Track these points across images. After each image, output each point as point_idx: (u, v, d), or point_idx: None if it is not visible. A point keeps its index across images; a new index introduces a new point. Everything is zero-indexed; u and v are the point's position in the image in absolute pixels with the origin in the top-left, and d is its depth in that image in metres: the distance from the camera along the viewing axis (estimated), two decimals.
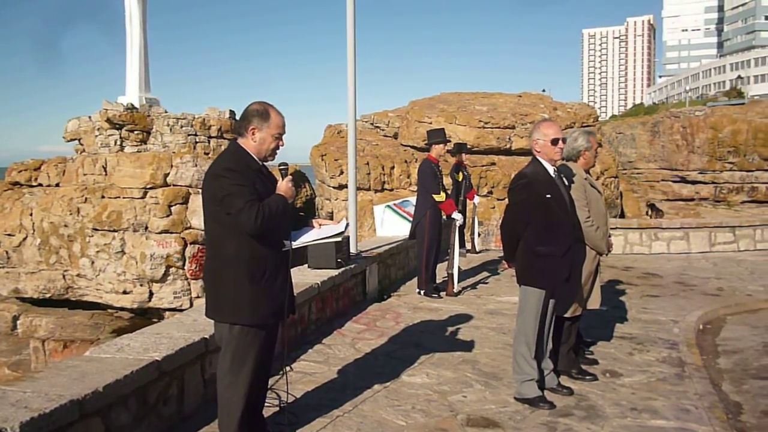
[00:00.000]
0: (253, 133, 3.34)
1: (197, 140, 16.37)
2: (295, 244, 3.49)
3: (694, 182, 23.16)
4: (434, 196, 7.65)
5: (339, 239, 3.91)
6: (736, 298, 7.87)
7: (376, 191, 15.16)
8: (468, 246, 11.24)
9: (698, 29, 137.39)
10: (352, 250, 7.41)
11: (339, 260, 6.73)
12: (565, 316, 4.85)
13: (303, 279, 6.08)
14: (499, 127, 15.42)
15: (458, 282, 8.07)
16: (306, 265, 6.75)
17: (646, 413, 4.28)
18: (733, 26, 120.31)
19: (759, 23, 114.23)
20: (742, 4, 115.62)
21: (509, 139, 15.43)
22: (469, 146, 13.02)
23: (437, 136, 8.03)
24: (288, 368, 4.93)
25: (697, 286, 8.45)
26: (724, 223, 10.77)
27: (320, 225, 3.60)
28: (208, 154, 15.98)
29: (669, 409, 4.39)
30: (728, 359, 5.88)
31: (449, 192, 8.83)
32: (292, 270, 3.63)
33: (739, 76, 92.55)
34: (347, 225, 3.69)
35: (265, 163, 3.43)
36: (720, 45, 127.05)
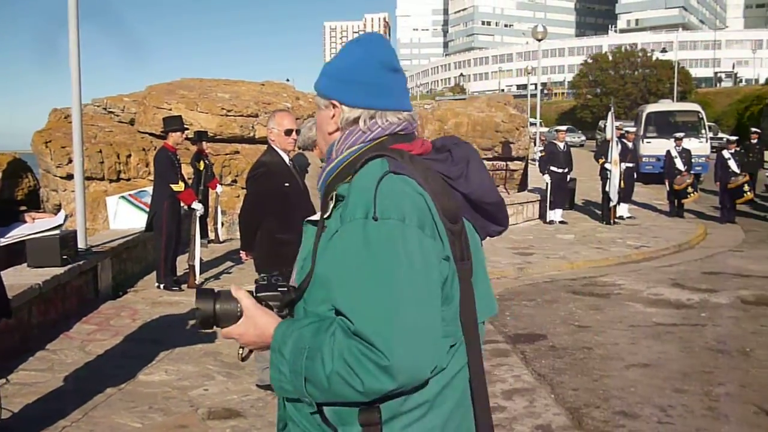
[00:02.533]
0: None
1: None
2: (3, 241, 3.12)
3: None
4: (172, 186, 7.35)
5: (57, 233, 3.57)
6: None
7: (111, 181, 14.11)
8: (211, 236, 11.01)
9: (427, 29, 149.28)
10: (81, 244, 6.83)
11: (64, 257, 6.14)
12: None
13: (20, 279, 5.44)
14: (242, 115, 15.26)
15: (200, 273, 7.87)
16: (25, 264, 6.06)
17: None
18: (456, 28, 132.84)
19: (477, 27, 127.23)
20: (463, 9, 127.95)
21: (252, 127, 15.35)
22: (211, 134, 12.71)
23: (174, 123, 7.71)
24: (3, 381, 4.40)
25: None
26: None
27: (33, 219, 3.24)
28: None
29: None
30: None
31: (189, 181, 8.56)
32: (6, 270, 3.24)
33: (462, 74, 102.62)
34: (66, 217, 3.38)
35: None
36: (445, 45, 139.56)
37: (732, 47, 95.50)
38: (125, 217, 8.77)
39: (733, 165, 13.83)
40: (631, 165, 14.15)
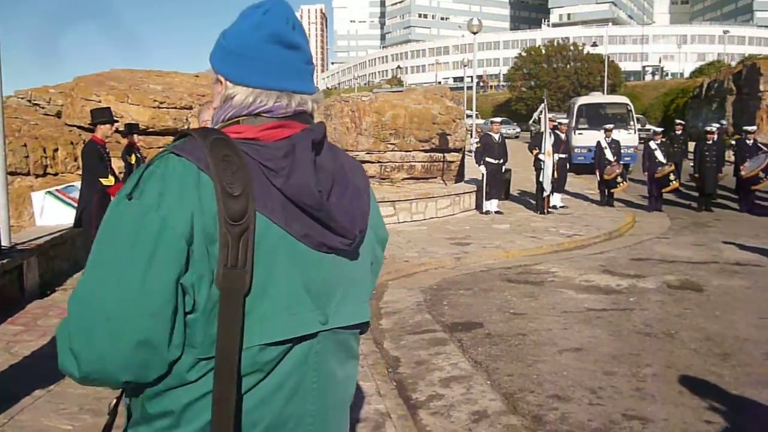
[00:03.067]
0: None
1: None
2: None
3: (363, 162, 25.36)
4: (101, 180, 7.13)
5: None
6: (396, 264, 8.78)
7: (37, 176, 13.57)
8: None
9: (364, 21, 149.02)
10: (4, 242, 6.56)
11: None
12: None
13: None
14: (175, 108, 14.92)
15: None
16: None
17: None
18: (393, 21, 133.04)
19: (414, 19, 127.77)
20: (400, 1, 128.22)
21: (186, 120, 15.04)
22: (143, 127, 12.37)
23: (102, 115, 7.47)
24: None
25: None
26: (386, 198, 11.95)
27: None
28: None
29: None
30: (389, 320, 6.56)
31: (120, 175, 8.31)
32: None
33: (399, 67, 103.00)
34: None
35: None
36: (383, 37, 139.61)
37: (658, 42, 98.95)
38: (52, 213, 8.45)
39: (659, 155, 14.35)
40: (563, 156, 14.51)
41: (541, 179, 13.19)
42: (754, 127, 16.27)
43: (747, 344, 5.70)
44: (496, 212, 13.31)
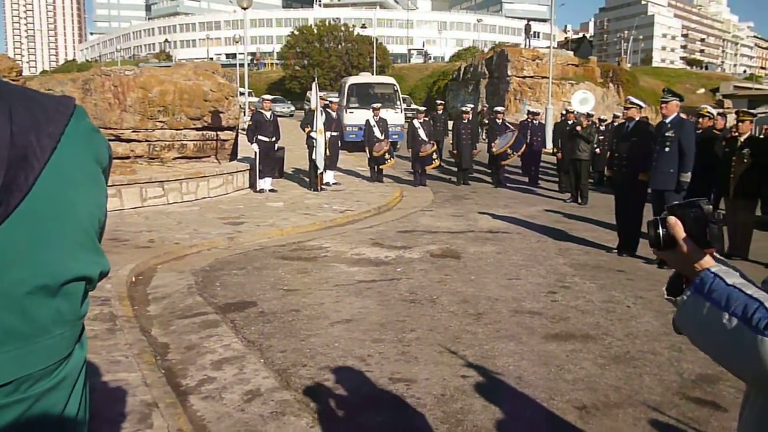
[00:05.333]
0: None
1: None
2: None
3: (129, 140, 23.71)
4: None
5: None
6: (166, 247, 8.38)
7: None
8: None
9: None
10: None
11: None
12: None
13: None
14: None
15: None
16: None
17: None
18: None
19: None
20: None
21: None
22: None
23: None
24: None
25: (130, 240, 8.68)
26: (154, 178, 11.32)
27: None
28: None
29: (102, 364, 4.41)
30: (158, 305, 6.24)
31: None
32: None
33: (167, 40, 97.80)
34: None
35: None
36: (148, 8, 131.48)
37: (422, 27, 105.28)
38: None
39: (422, 134, 15.29)
40: (335, 134, 14.85)
41: (314, 157, 13.38)
42: (503, 108, 18.00)
43: (497, 303, 6.31)
44: (270, 190, 13.27)
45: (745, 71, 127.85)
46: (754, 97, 61.01)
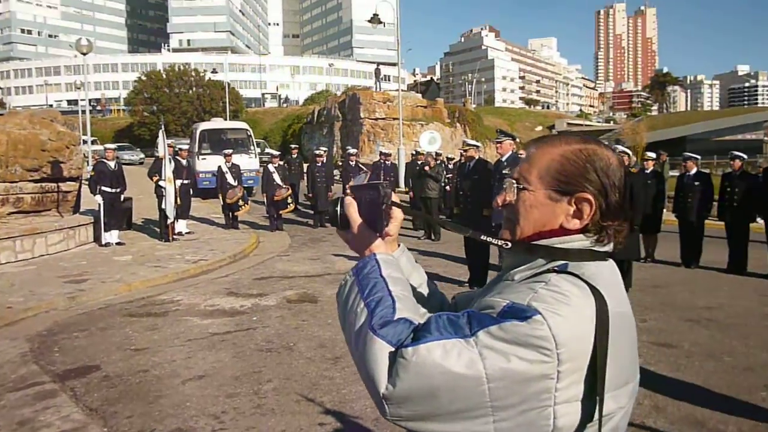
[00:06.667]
0: None
1: None
2: None
3: None
4: None
5: None
6: None
7: None
8: None
9: None
10: None
11: None
12: None
13: None
14: None
15: None
16: None
17: None
18: None
19: (16, 35, 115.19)
20: None
21: None
22: None
23: None
24: None
25: None
26: None
27: None
28: None
29: None
30: None
31: None
32: None
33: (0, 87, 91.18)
34: None
35: None
36: None
37: (275, 71, 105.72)
38: None
39: (277, 178, 15.22)
40: (186, 181, 14.43)
41: (163, 206, 12.89)
42: (356, 150, 18.35)
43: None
44: (117, 243, 12.58)
45: (581, 110, 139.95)
46: (584, 132, 66.74)
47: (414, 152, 17.39)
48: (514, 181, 1.32)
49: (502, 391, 1.11)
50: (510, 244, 1.30)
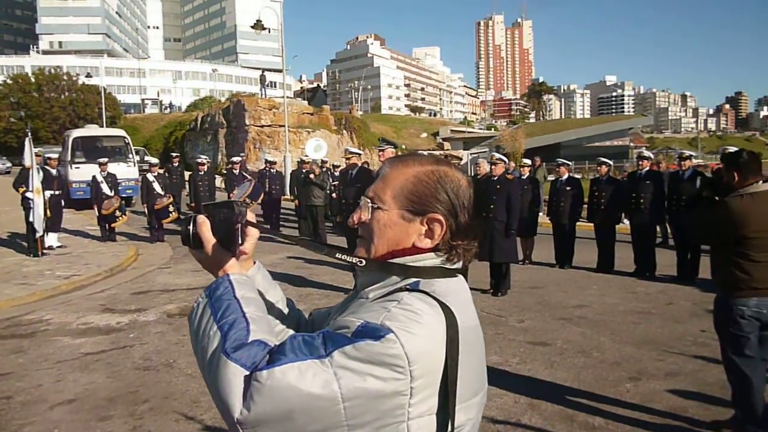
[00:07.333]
0: None
1: None
2: None
3: None
4: None
5: None
6: None
7: None
8: None
9: None
10: None
11: None
12: None
13: None
14: None
15: None
16: None
17: None
18: None
19: None
20: None
21: None
22: None
23: None
24: None
25: None
26: None
27: None
28: None
29: None
30: None
31: None
32: None
33: None
34: None
35: None
36: None
37: (155, 76, 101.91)
38: None
39: (157, 187, 14.67)
40: (57, 192, 13.59)
41: (31, 219, 12.07)
42: (239, 158, 17.92)
43: None
44: None
45: (465, 117, 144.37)
46: (467, 139, 69.04)
47: (300, 160, 17.27)
48: (368, 200, 1.33)
49: (357, 410, 1.12)
50: (364, 262, 1.31)
